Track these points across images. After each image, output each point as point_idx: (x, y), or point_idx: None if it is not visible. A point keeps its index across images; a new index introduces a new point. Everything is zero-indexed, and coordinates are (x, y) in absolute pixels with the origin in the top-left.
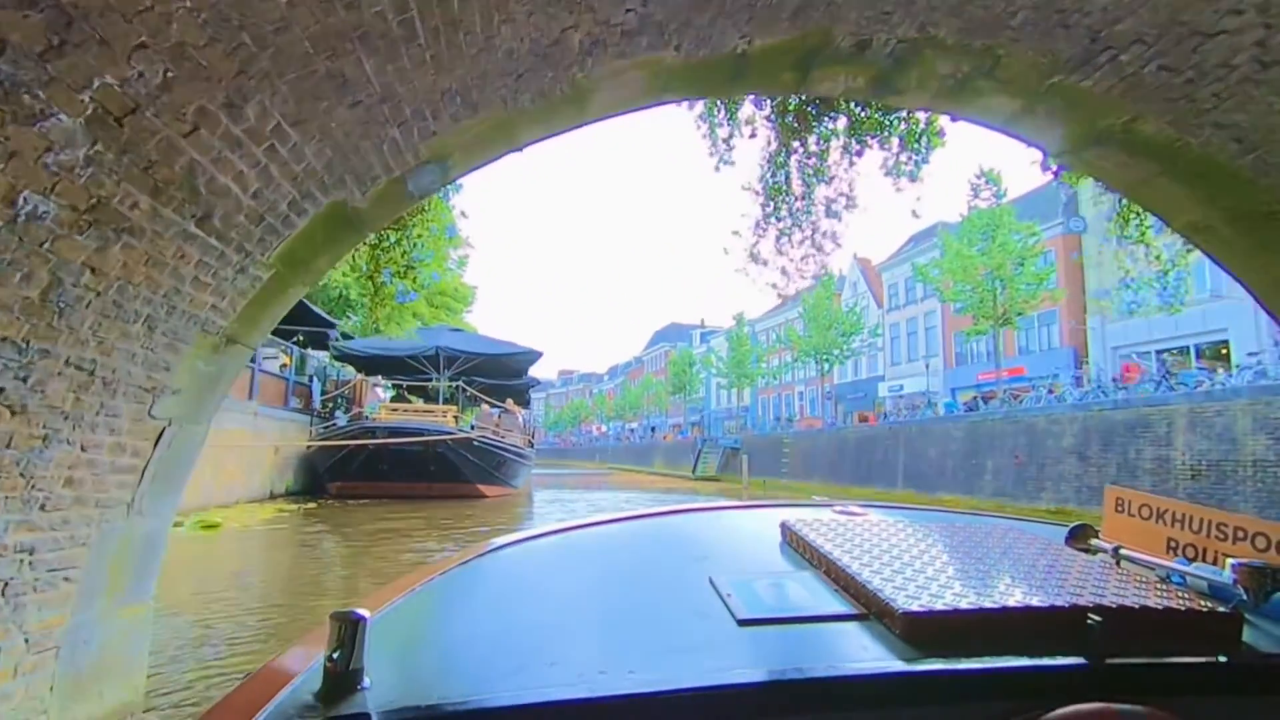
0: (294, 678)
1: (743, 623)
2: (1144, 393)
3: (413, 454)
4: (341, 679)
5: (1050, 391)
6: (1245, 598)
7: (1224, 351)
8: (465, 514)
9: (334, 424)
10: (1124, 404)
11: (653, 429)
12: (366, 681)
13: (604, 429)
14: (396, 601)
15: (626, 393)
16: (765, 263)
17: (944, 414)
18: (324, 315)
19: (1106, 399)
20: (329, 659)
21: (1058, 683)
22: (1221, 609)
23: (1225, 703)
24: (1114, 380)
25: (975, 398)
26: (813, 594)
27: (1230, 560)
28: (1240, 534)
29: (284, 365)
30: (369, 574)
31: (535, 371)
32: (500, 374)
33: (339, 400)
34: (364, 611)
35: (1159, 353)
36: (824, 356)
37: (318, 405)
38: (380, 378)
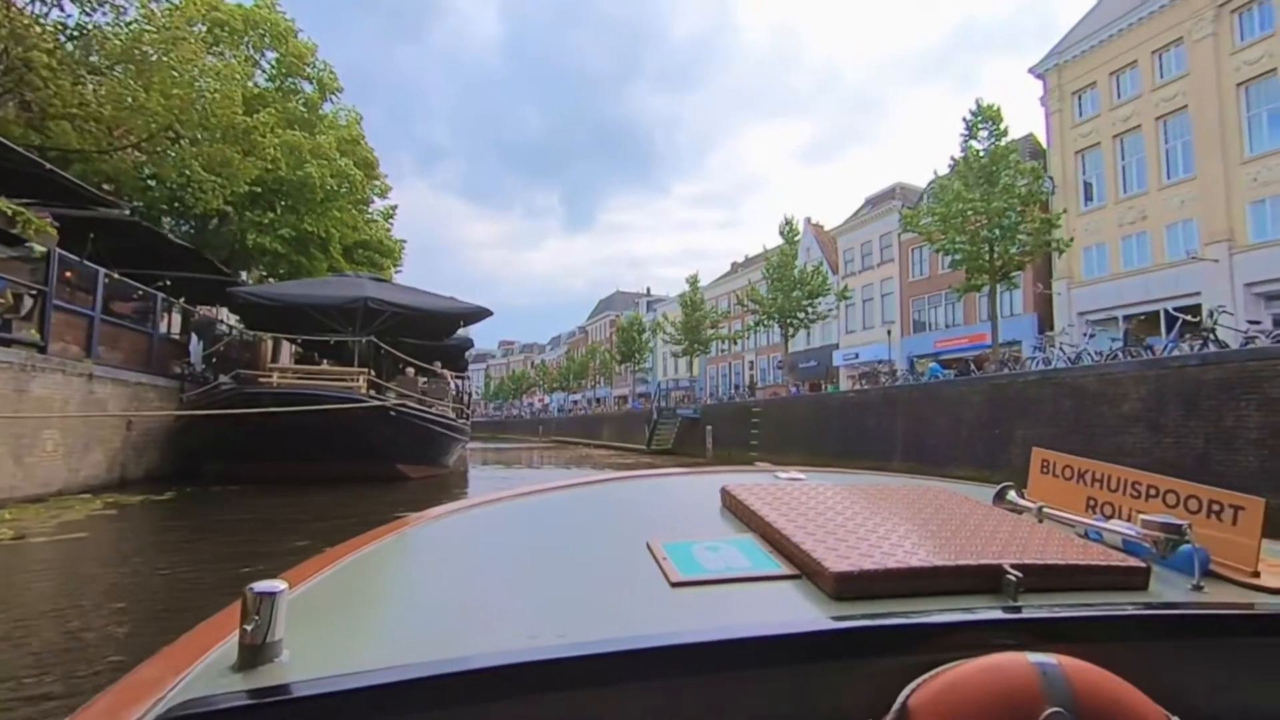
0: (207, 652)
1: (676, 585)
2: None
3: (314, 427)
4: (258, 651)
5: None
6: (1153, 550)
7: (1193, 319)
8: (377, 501)
9: (214, 389)
10: (1218, 359)
11: (598, 400)
12: (285, 654)
13: (546, 400)
14: (322, 574)
15: (571, 362)
16: None
17: (930, 379)
18: (212, 260)
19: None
20: (243, 631)
21: (977, 634)
22: (1132, 562)
23: (1134, 649)
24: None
25: (967, 362)
26: (748, 556)
27: (1142, 516)
28: (1152, 492)
29: (143, 313)
30: (163, 627)
31: (476, 340)
32: (431, 333)
33: (229, 360)
34: (282, 583)
35: (1126, 318)
36: (788, 319)
37: (198, 366)
38: (280, 334)
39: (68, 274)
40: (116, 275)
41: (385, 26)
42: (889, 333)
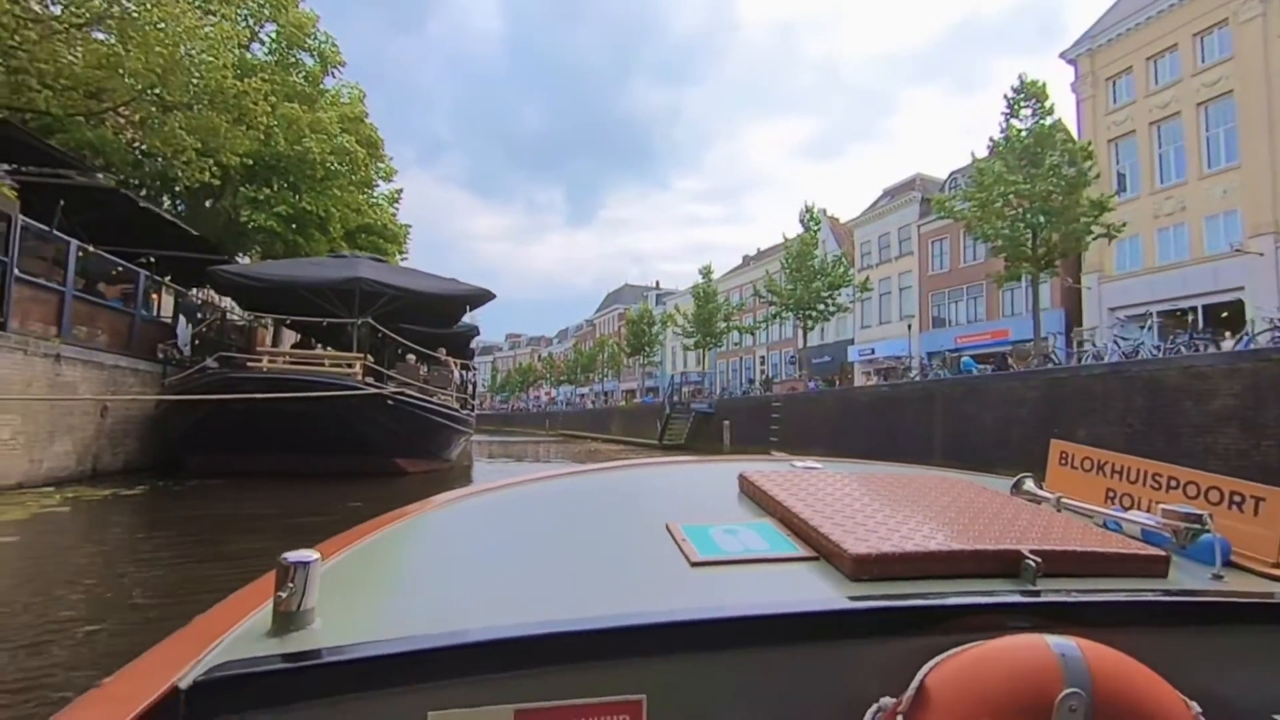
0: (244, 618)
1: (696, 564)
2: None
3: (305, 416)
4: (291, 618)
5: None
6: (1173, 540)
7: (1224, 315)
8: (364, 498)
9: (197, 374)
10: None
11: (606, 394)
12: (317, 622)
13: (553, 394)
14: (352, 547)
15: (579, 355)
16: None
17: (963, 372)
18: (201, 237)
19: None
20: (278, 598)
21: (994, 617)
22: (1151, 551)
23: (1152, 635)
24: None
25: (1004, 355)
26: (766, 539)
27: (1162, 506)
28: (1173, 483)
29: (124, 292)
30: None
31: (484, 332)
32: (435, 319)
33: (220, 345)
34: (314, 554)
35: (1161, 314)
36: (807, 312)
37: (185, 350)
38: (267, 314)
39: (39, 246)
40: (92, 249)
41: (386, 18)
42: (909, 327)
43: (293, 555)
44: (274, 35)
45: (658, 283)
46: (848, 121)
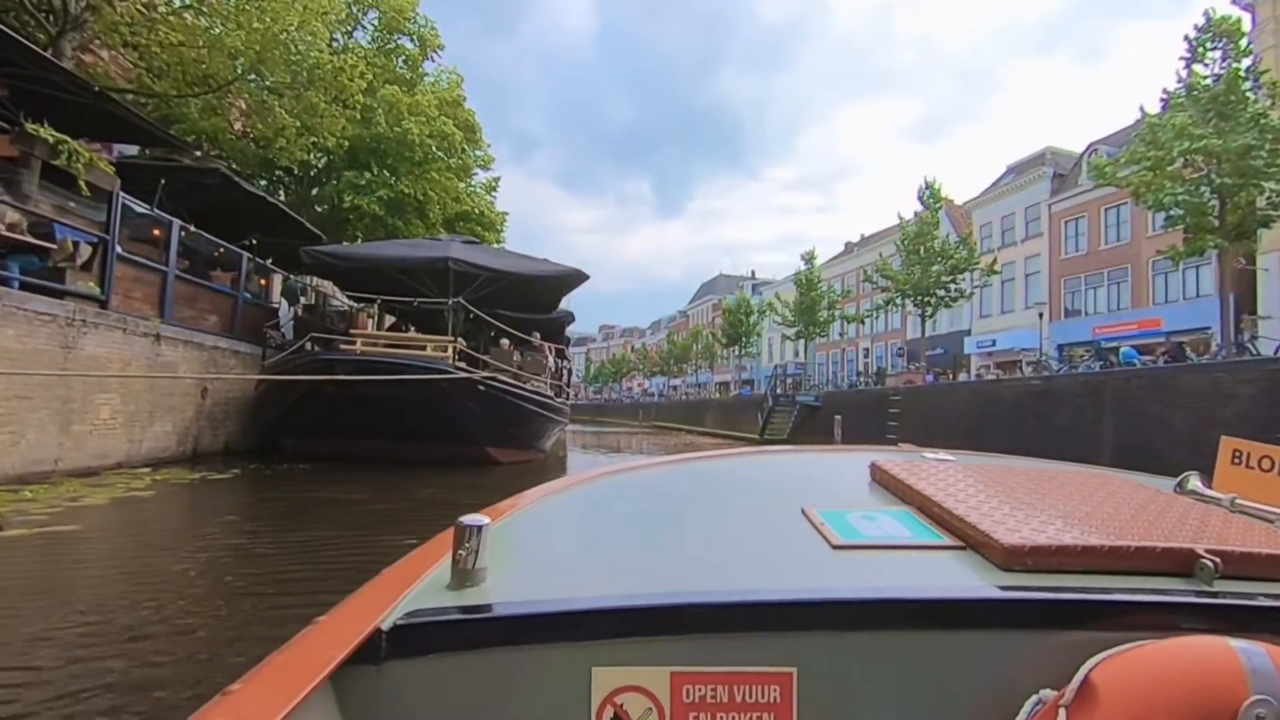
0: (426, 572)
1: (837, 548)
2: None
3: (396, 400)
4: (468, 575)
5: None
6: None
7: None
8: (452, 488)
9: (292, 356)
10: None
11: (699, 385)
12: (489, 579)
13: (646, 385)
14: (510, 514)
15: (673, 345)
16: None
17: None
18: (301, 221)
19: None
20: (456, 557)
21: (1166, 615)
22: None
23: None
24: None
25: (1179, 344)
26: (906, 526)
27: None
28: None
29: (234, 279)
30: None
31: (578, 323)
32: (529, 303)
33: (322, 328)
34: (486, 518)
35: None
36: (925, 298)
37: (288, 334)
38: (357, 294)
39: (141, 226)
40: (193, 229)
41: (480, 24)
42: (1040, 316)
43: (468, 519)
44: (376, 23)
45: (753, 272)
46: (951, 99)
